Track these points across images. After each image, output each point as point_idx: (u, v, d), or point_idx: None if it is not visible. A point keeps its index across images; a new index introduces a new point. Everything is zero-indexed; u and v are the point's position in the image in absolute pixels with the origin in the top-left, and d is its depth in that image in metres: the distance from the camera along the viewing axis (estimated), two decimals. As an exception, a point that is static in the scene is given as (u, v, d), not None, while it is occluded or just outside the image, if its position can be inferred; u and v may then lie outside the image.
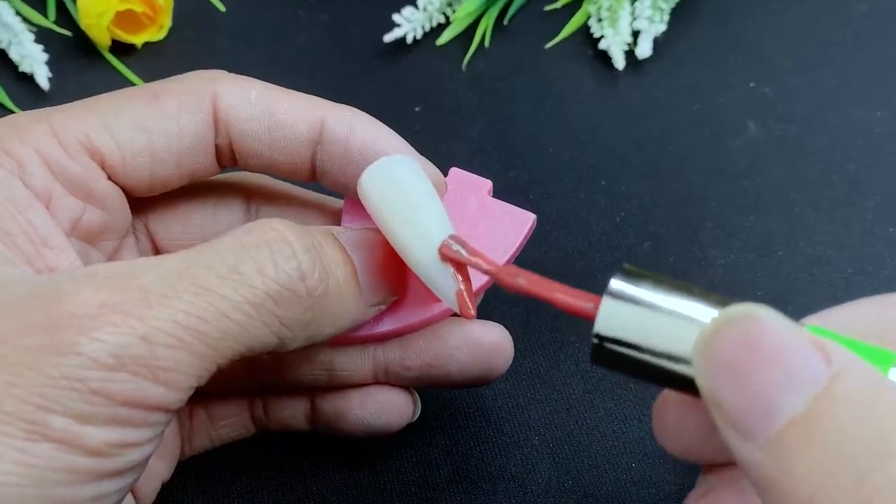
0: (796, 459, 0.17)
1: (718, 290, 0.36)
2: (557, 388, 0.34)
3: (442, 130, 0.42)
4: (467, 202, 0.29)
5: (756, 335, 0.18)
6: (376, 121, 0.28)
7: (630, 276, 0.20)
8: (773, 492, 0.17)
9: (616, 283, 0.20)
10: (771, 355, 0.18)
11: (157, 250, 0.29)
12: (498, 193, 0.30)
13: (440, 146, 0.41)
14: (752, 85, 0.42)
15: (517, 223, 0.28)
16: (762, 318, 0.18)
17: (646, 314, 0.19)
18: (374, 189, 0.25)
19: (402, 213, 0.25)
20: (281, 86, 0.28)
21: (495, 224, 0.28)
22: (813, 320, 0.22)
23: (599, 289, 0.20)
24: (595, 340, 0.20)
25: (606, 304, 0.20)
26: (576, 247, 0.38)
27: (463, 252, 0.25)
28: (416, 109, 0.42)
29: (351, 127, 0.27)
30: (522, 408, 0.34)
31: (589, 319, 0.20)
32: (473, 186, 0.29)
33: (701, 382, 0.19)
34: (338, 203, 0.30)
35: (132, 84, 0.43)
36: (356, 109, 0.28)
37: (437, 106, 0.42)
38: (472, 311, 0.26)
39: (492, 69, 0.43)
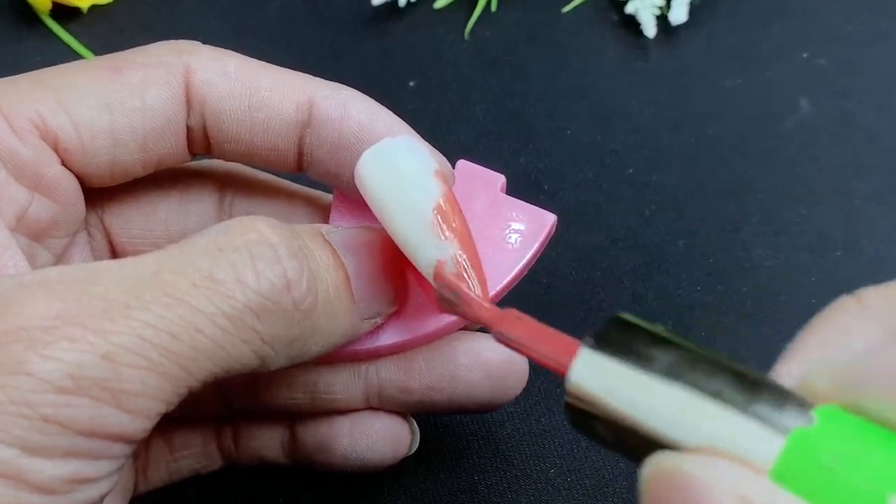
0: None
1: (765, 296, 0.38)
2: (577, 413, 0.35)
3: (440, 110, 0.42)
4: (477, 199, 0.29)
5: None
6: (374, 101, 0.28)
7: (614, 330, 0.20)
8: None
9: (590, 342, 0.20)
10: None
11: (113, 249, 0.30)
12: (507, 185, 0.30)
13: (438, 128, 0.41)
14: (805, 56, 0.43)
15: (535, 225, 0.28)
16: (693, 479, 0.18)
17: (622, 383, 0.19)
18: (373, 176, 0.26)
19: (408, 204, 0.25)
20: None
21: (510, 225, 0.28)
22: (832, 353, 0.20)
23: (623, 299, 0.20)
24: (566, 403, 0.20)
25: (579, 365, 0.20)
26: (597, 246, 0.38)
27: (456, 289, 0.25)
28: (410, 84, 0.43)
29: (345, 107, 0.27)
30: (536, 435, 0.34)
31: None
32: (484, 181, 0.29)
33: None
34: (326, 197, 0.31)
35: (77, 55, 0.43)
36: (350, 88, 0.28)
37: (434, 81, 0.43)
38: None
39: (499, 38, 0.44)
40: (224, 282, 0.22)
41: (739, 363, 0.19)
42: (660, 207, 0.39)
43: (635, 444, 0.19)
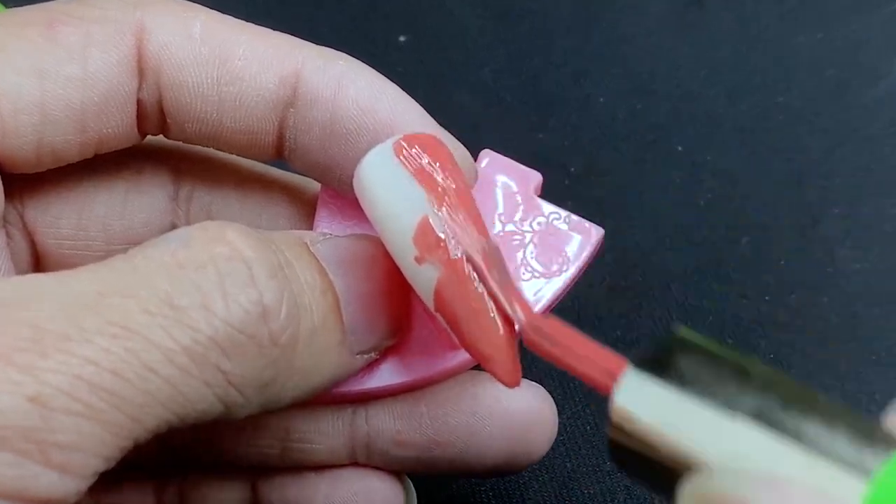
0: None
1: (851, 309, 0.37)
2: (614, 457, 0.35)
3: (437, 72, 0.42)
4: (504, 204, 0.29)
5: None
6: (378, 75, 0.28)
7: (669, 349, 0.21)
8: None
9: (641, 360, 0.21)
10: None
11: (37, 255, 0.29)
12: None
13: (434, 96, 0.40)
14: (897, 5, 0.43)
15: (577, 239, 0.28)
16: None
17: (677, 413, 0.20)
18: (380, 182, 0.25)
19: (396, 220, 0.25)
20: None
21: (545, 238, 0.28)
22: None
23: (670, 312, 0.20)
24: (608, 432, 0.21)
25: (626, 386, 0.20)
26: (639, 244, 0.38)
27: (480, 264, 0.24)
28: (401, 40, 0.43)
29: (340, 83, 0.27)
30: (560, 486, 0.34)
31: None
32: (516, 180, 0.29)
33: None
34: (312, 185, 0.30)
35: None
36: (347, 56, 0.28)
37: (430, 36, 0.43)
38: (517, 374, 0.25)
39: (512, -19, 0.44)
40: (186, 309, 0.22)
41: (819, 392, 0.20)
42: (717, 196, 0.39)
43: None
